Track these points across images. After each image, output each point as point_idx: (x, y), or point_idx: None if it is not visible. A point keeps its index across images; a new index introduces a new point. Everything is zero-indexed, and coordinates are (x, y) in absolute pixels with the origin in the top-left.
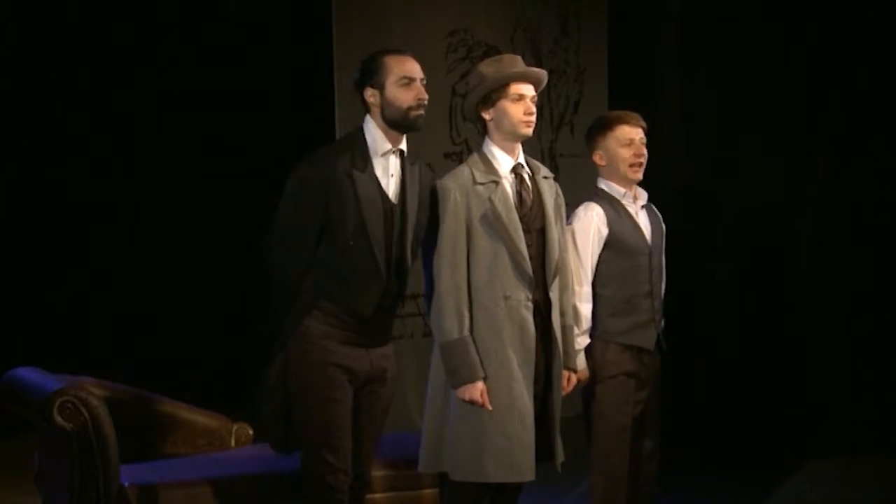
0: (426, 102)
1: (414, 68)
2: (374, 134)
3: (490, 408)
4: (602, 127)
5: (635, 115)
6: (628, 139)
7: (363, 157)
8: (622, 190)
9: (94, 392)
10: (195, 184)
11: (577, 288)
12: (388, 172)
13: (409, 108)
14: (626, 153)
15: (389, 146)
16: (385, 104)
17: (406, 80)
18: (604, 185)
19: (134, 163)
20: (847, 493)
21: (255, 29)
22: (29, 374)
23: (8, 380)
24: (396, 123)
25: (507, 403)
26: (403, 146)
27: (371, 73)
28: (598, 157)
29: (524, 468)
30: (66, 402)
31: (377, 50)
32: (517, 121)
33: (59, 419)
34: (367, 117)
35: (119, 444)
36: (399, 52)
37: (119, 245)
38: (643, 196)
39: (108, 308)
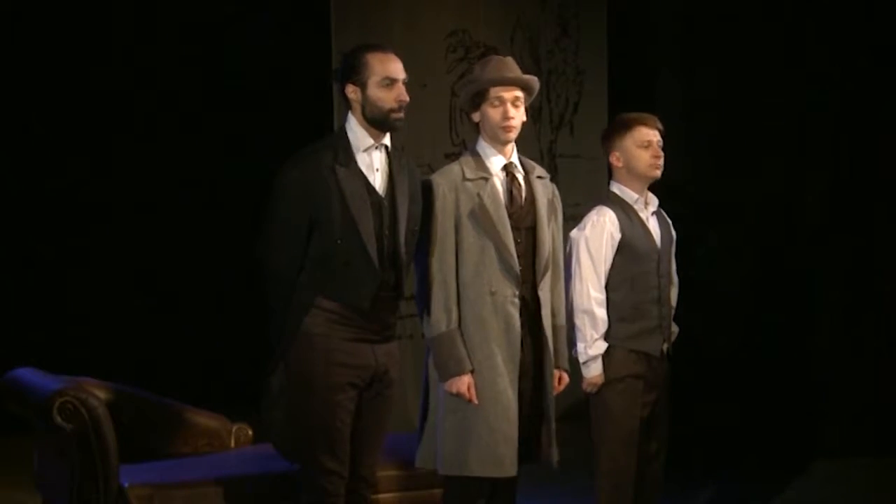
0: (406, 104)
1: (397, 68)
2: (356, 130)
3: (476, 401)
4: (620, 128)
5: (653, 118)
6: (646, 141)
7: (346, 152)
8: (635, 195)
9: (94, 392)
10: (195, 184)
11: (592, 293)
12: (374, 167)
13: (390, 110)
14: (644, 155)
15: (372, 141)
16: (366, 103)
17: (388, 82)
18: (617, 189)
19: (134, 163)
20: (847, 493)
21: (255, 28)
22: (29, 374)
23: (8, 380)
24: (376, 122)
25: (492, 398)
26: (387, 141)
27: (353, 70)
28: (615, 159)
29: (506, 463)
30: (66, 403)
31: (360, 45)
32: (495, 125)
33: (59, 419)
34: (349, 113)
35: (119, 444)
36: (382, 49)
37: (119, 245)
38: (654, 202)
39: (108, 308)
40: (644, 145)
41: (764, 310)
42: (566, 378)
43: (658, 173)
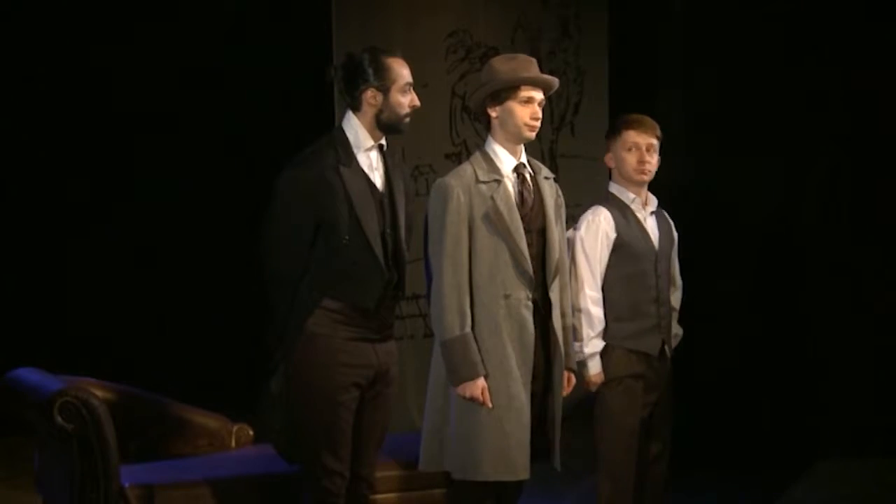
0: (417, 108)
1: (410, 73)
2: (358, 130)
3: (490, 405)
4: (613, 130)
5: (647, 122)
6: (632, 144)
7: (346, 152)
8: (632, 195)
9: (94, 392)
10: (195, 184)
11: (587, 292)
12: (373, 167)
13: (406, 115)
14: (629, 158)
15: (372, 142)
16: (386, 107)
17: (408, 87)
18: (614, 189)
19: (135, 163)
20: (847, 493)
21: (255, 29)
22: (29, 375)
23: (8, 380)
24: (388, 126)
25: (506, 402)
26: (383, 141)
27: (374, 74)
28: (609, 160)
29: (519, 467)
30: (67, 403)
31: (374, 49)
32: (522, 123)
33: (59, 419)
34: (350, 114)
35: (119, 444)
36: (395, 54)
37: (119, 245)
38: (653, 202)
39: (108, 308)
40: (629, 149)
41: (764, 310)
42: (574, 378)
43: (644, 178)
